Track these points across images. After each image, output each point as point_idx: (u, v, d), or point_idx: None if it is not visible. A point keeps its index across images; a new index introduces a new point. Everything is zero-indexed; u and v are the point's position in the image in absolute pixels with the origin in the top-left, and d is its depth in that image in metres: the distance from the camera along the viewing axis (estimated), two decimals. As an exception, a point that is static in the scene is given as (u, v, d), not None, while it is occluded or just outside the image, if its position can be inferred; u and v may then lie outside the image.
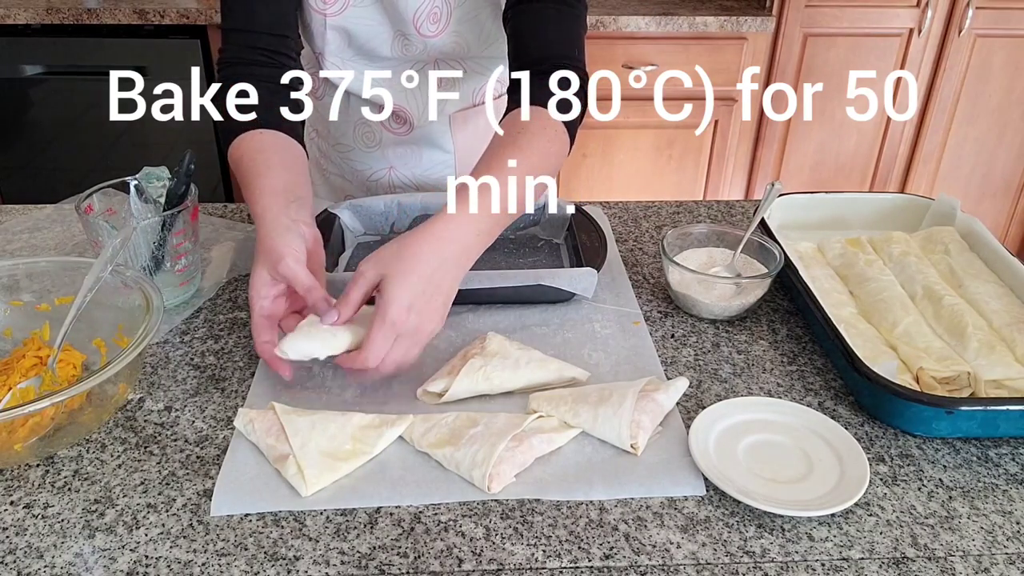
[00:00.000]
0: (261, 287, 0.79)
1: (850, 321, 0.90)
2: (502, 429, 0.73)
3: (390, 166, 1.23)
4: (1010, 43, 2.44)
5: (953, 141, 2.60)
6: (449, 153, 1.22)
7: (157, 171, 0.99)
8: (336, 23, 1.05)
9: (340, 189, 1.30)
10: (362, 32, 1.07)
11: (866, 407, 0.81)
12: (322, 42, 1.08)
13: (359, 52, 1.10)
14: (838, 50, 2.43)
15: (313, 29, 1.07)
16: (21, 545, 0.66)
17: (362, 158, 1.23)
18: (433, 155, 1.22)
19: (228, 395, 0.82)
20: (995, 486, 0.73)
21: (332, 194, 1.31)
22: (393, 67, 1.12)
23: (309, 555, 0.65)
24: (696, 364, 0.88)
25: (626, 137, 2.49)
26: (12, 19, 2.26)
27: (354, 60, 1.12)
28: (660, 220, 1.19)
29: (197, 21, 2.25)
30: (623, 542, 0.67)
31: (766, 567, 0.65)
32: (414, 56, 1.10)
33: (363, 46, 1.09)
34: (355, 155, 1.23)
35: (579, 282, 0.93)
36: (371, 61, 1.12)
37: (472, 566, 0.65)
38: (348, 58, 1.11)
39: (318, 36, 1.07)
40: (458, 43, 1.08)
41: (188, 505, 0.69)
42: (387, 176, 1.23)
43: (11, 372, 0.78)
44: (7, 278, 0.87)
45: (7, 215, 1.19)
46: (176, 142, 2.46)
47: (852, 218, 1.13)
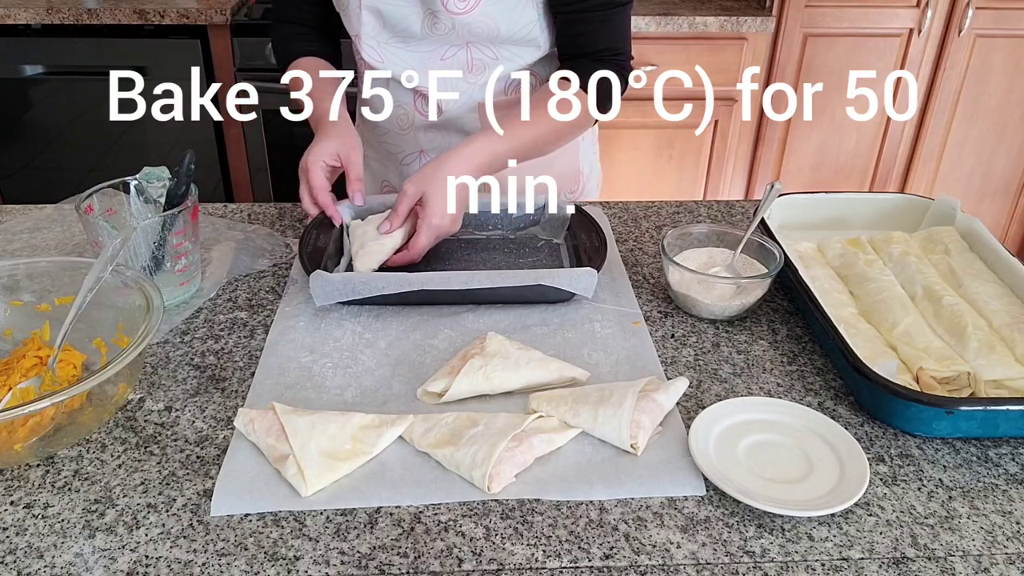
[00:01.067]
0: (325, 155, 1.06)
1: (850, 321, 0.90)
2: (502, 429, 0.73)
3: (420, 150, 1.25)
4: (1010, 43, 2.44)
5: (953, 141, 2.60)
6: None
7: (157, 171, 0.99)
8: (370, 4, 1.10)
9: (378, 174, 1.34)
10: (393, 13, 1.11)
11: (866, 407, 0.81)
12: (358, 24, 1.13)
13: (393, 33, 1.14)
14: (838, 50, 2.43)
15: (350, 11, 1.13)
16: (21, 545, 0.66)
17: (395, 140, 1.26)
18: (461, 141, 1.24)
19: (228, 395, 0.82)
20: (995, 486, 0.73)
21: (372, 180, 1.36)
22: (426, 49, 1.15)
23: (309, 555, 0.65)
24: (696, 364, 0.88)
25: (626, 137, 2.49)
26: (12, 19, 2.26)
27: (389, 42, 1.15)
28: (660, 220, 1.19)
29: (197, 21, 2.25)
30: (623, 542, 0.67)
31: (766, 567, 0.65)
32: (445, 37, 1.12)
33: (396, 26, 1.12)
34: (390, 137, 1.27)
35: (579, 282, 0.93)
36: (405, 43, 1.15)
37: (472, 566, 0.65)
38: (384, 40, 1.15)
39: (354, 18, 1.13)
40: (488, 24, 1.10)
41: (188, 505, 0.69)
42: (417, 160, 1.26)
43: (11, 372, 0.78)
44: (7, 278, 0.87)
45: (7, 215, 1.19)
46: (176, 142, 2.46)
47: (852, 218, 1.13)
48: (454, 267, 1.05)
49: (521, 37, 1.13)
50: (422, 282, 0.91)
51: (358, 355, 0.87)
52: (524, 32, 1.12)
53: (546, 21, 1.13)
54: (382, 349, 0.88)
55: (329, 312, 0.94)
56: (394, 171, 1.31)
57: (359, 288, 0.91)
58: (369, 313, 0.94)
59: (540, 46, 1.15)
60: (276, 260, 1.07)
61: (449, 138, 1.22)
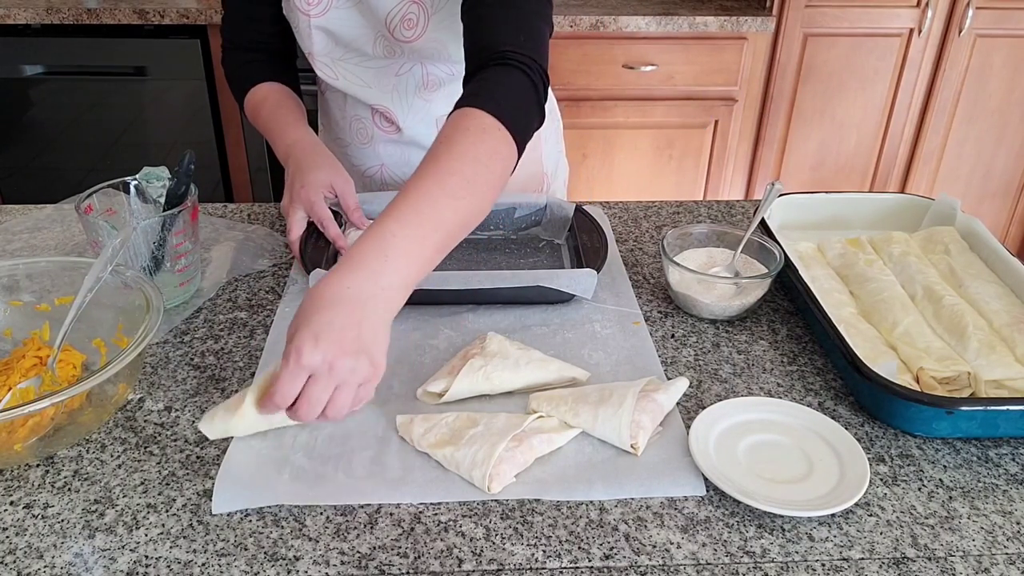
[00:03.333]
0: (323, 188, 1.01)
1: (850, 321, 0.90)
2: (502, 429, 0.73)
3: (382, 163, 1.24)
4: (1010, 43, 2.44)
5: (953, 141, 2.60)
6: None
7: (157, 171, 0.99)
8: (320, 24, 1.08)
9: None
10: (345, 33, 1.09)
11: (866, 407, 0.81)
12: (310, 42, 1.10)
13: (347, 51, 1.12)
14: (838, 50, 2.43)
15: (300, 30, 1.10)
16: (21, 545, 0.66)
17: (356, 153, 1.25)
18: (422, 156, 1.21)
19: (228, 395, 0.82)
20: (995, 486, 0.73)
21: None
22: (380, 67, 1.14)
23: (309, 555, 0.65)
24: (696, 364, 0.88)
25: (626, 137, 2.49)
26: (12, 19, 2.26)
27: (343, 59, 1.13)
28: (660, 220, 1.19)
29: (197, 21, 2.25)
30: (623, 542, 0.67)
31: (766, 567, 0.65)
32: (399, 57, 1.11)
33: (348, 45, 1.11)
34: (351, 150, 1.25)
35: (578, 283, 0.93)
36: (358, 61, 1.13)
37: (472, 566, 0.65)
38: (337, 57, 1.13)
39: (305, 37, 1.10)
40: (438, 48, 1.09)
41: (188, 505, 0.69)
42: (379, 173, 1.25)
43: (11, 372, 0.78)
44: (7, 278, 0.87)
45: (7, 215, 1.19)
46: (176, 142, 2.46)
47: (852, 218, 1.13)
48: (454, 267, 1.05)
49: None
50: (422, 282, 0.91)
51: (358, 355, 0.87)
52: None
53: None
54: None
55: (329, 312, 0.94)
56: (358, 182, 1.27)
57: None
58: (369, 313, 0.94)
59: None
60: (276, 260, 1.07)
61: (408, 152, 1.21)
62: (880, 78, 2.48)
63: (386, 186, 1.26)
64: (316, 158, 1.04)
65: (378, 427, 0.77)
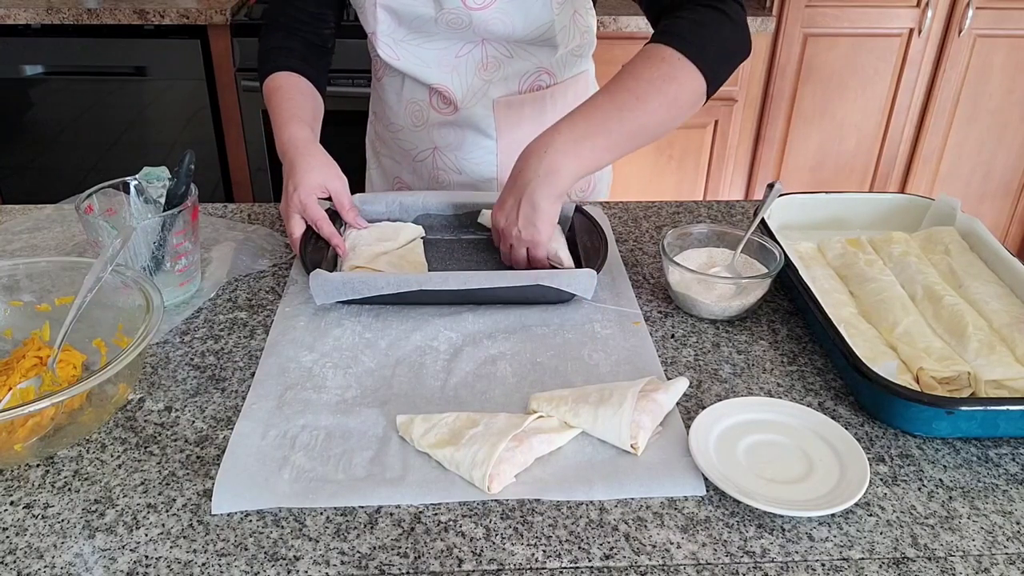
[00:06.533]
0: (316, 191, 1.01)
1: (850, 321, 0.90)
2: (502, 429, 0.73)
3: (435, 147, 1.25)
4: (1010, 43, 2.45)
5: (953, 141, 2.60)
6: (492, 139, 1.24)
7: (157, 171, 0.99)
8: (385, 2, 1.10)
9: (390, 171, 1.34)
10: (408, 11, 1.11)
11: (866, 407, 0.81)
12: (374, 22, 1.13)
13: (409, 30, 1.14)
14: (838, 50, 2.43)
15: (365, 8, 1.13)
16: (21, 545, 0.66)
17: (409, 137, 1.26)
18: (477, 140, 1.24)
19: (228, 395, 0.82)
20: (995, 486, 0.73)
21: (384, 177, 1.36)
22: (441, 46, 1.15)
23: (309, 555, 0.65)
24: (696, 364, 0.88)
25: (626, 137, 2.49)
26: (12, 19, 2.26)
27: (406, 39, 1.15)
28: (660, 220, 1.19)
29: (197, 21, 2.25)
30: (623, 542, 0.67)
31: (766, 567, 0.65)
32: (461, 34, 1.13)
33: (411, 23, 1.13)
34: (404, 134, 1.27)
35: (578, 283, 0.93)
36: (422, 41, 1.15)
37: (472, 566, 0.65)
38: (400, 38, 1.15)
39: (370, 16, 1.13)
40: (503, 21, 1.10)
41: (188, 505, 0.69)
42: (431, 158, 1.26)
43: (11, 372, 0.78)
44: (7, 278, 0.87)
45: (7, 215, 1.19)
46: (176, 142, 2.47)
47: (852, 218, 1.13)
48: (454, 267, 1.05)
49: (536, 37, 1.13)
50: (421, 282, 0.91)
51: (359, 355, 0.87)
52: (539, 32, 1.12)
53: (562, 23, 1.13)
54: (383, 349, 0.88)
55: (329, 312, 0.94)
56: (407, 168, 1.31)
57: (358, 288, 0.91)
58: (369, 313, 0.94)
59: (555, 47, 1.15)
60: (276, 260, 1.07)
61: (462, 136, 1.23)
62: (880, 78, 2.48)
63: (438, 172, 1.27)
64: (309, 159, 1.03)
65: (378, 427, 0.77)
